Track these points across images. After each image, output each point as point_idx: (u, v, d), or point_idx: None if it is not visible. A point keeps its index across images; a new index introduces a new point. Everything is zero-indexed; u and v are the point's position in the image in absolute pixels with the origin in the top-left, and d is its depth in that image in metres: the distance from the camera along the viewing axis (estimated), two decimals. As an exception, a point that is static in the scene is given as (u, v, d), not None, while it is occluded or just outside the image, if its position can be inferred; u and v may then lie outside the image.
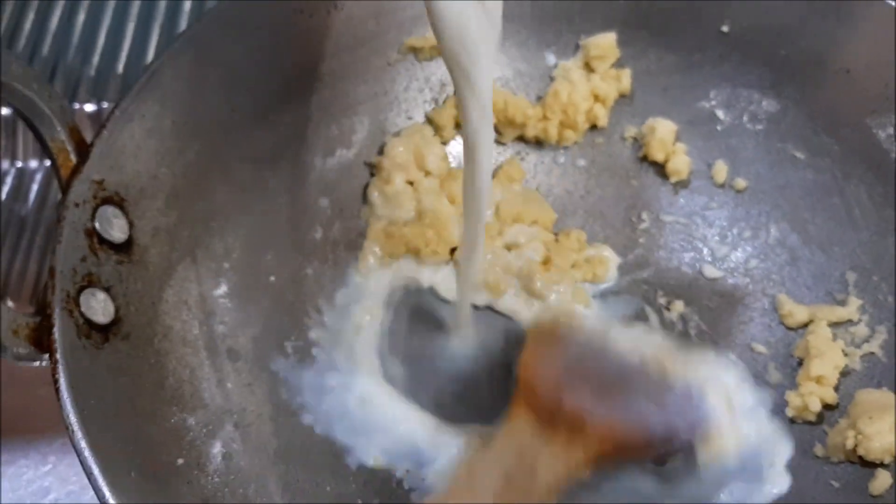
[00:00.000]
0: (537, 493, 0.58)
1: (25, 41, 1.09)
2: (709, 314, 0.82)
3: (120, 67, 1.07)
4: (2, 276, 0.91)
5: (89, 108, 1.02)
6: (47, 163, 0.98)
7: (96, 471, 0.54)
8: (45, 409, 0.65)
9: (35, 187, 0.99)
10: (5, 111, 1.01)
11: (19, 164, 1.00)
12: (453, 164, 0.87)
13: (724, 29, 0.84)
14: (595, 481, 0.65)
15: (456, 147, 0.88)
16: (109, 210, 0.66)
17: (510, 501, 0.56)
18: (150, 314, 0.69)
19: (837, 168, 0.82)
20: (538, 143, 0.89)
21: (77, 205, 0.64)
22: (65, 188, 0.64)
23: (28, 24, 1.10)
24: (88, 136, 0.67)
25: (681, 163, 0.85)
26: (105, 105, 1.01)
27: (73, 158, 0.65)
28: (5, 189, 0.98)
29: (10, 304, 0.90)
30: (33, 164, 1.00)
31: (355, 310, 0.80)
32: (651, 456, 0.70)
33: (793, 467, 0.73)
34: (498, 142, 0.89)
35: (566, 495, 0.61)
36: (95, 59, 1.07)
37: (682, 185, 0.87)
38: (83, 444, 0.55)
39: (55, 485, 0.80)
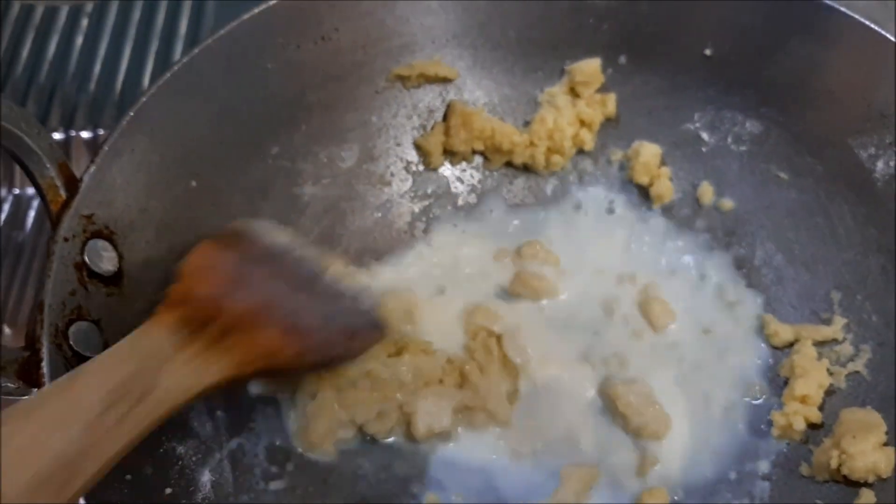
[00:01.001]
0: (145, 413, 0.51)
1: (23, 68, 1.10)
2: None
3: (116, 94, 1.08)
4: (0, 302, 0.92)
5: (86, 134, 1.04)
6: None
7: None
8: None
9: (32, 214, 1.00)
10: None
11: (17, 191, 1.02)
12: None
13: (708, 52, 0.85)
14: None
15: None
16: (99, 243, 0.67)
17: (109, 423, 0.49)
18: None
19: (821, 188, 0.83)
20: (526, 169, 0.89)
21: (66, 239, 0.65)
22: (54, 223, 0.65)
23: (25, 52, 1.12)
24: (85, 161, 0.68)
25: (664, 187, 0.86)
26: (101, 132, 1.03)
27: (63, 194, 0.66)
28: (3, 216, 1.00)
29: (7, 330, 0.91)
30: (30, 191, 1.01)
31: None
32: (310, 364, 0.67)
33: (779, 486, 0.74)
34: (486, 168, 0.90)
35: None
36: (92, 86, 1.09)
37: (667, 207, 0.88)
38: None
39: None
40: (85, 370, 0.53)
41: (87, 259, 0.66)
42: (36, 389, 0.59)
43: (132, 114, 0.71)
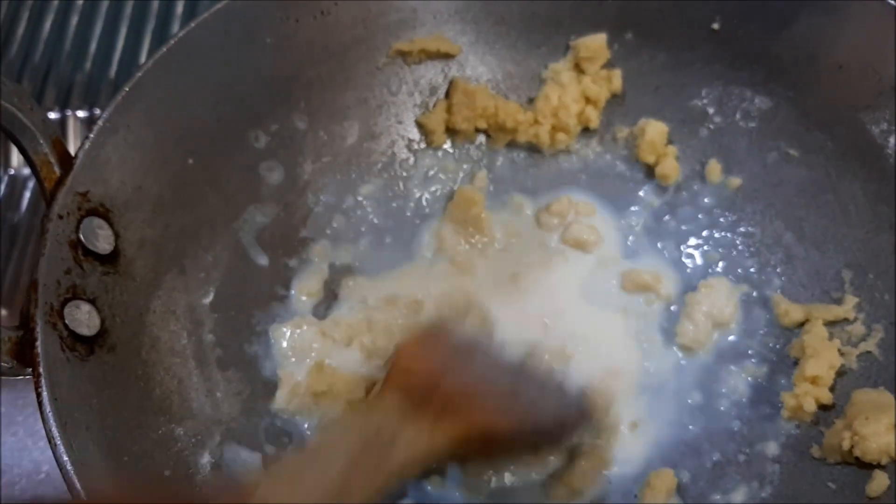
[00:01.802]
0: (389, 469, 0.56)
1: (17, 48, 1.09)
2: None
3: (112, 73, 1.07)
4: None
5: (81, 114, 1.02)
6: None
7: (78, 485, 0.53)
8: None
9: (27, 195, 0.99)
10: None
11: (12, 171, 1.00)
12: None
13: (715, 27, 0.83)
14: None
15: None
16: (94, 221, 0.66)
17: (359, 474, 0.54)
18: (136, 325, 0.68)
19: (831, 165, 0.82)
20: (530, 147, 0.88)
21: (61, 216, 0.63)
22: (49, 200, 0.64)
23: (20, 31, 1.10)
24: (80, 141, 0.67)
25: (670, 167, 0.85)
26: (97, 111, 1.01)
27: (57, 171, 0.65)
28: (-4, 196, 0.98)
29: (3, 311, 0.90)
30: (26, 171, 1.00)
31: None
32: (521, 446, 0.70)
33: (789, 468, 0.72)
34: (490, 147, 0.88)
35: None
36: (87, 65, 1.07)
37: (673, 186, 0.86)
38: (65, 458, 0.55)
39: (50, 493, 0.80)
40: (327, 441, 0.61)
41: (82, 237, 0.64)
42: (30, 370, 0.57)
43: (127, 90, 0.69)
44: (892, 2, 0.74)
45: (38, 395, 0.56)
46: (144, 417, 0.66)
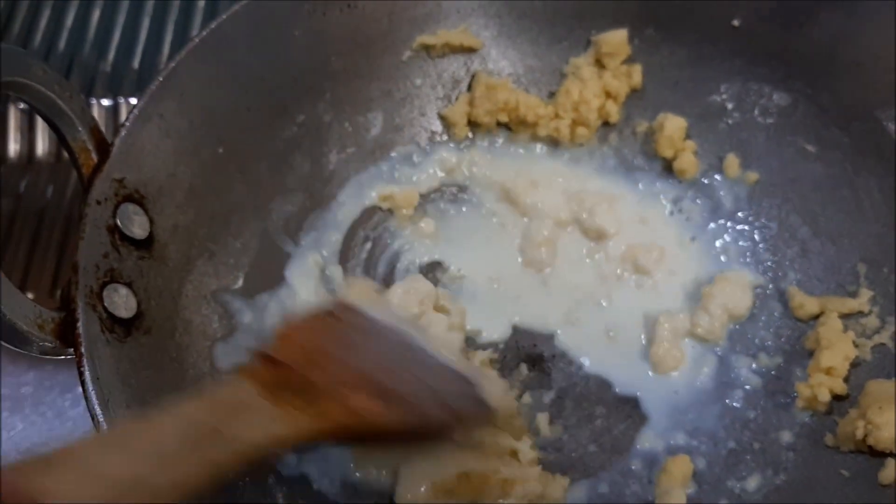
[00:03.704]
0: (232, 449, 0.52)
1: (41, 38, 1.10)
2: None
3: (135, 63, 1.08)
4: (21, 269, 0.92)
5: (106, 102, 1.03)
6: (64, 157, 1.00)
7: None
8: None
9: (52, 181, 1.00)
10: (21, 106, 1.02)
11: (37, 158, 1.02)
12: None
13: (735, 23, 0.85)
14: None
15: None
16: (130, 207, 0.67)
17: (199, 452, 0.50)
18: (170, 308, 0.70)
19: (848, 161, 0.83)
20: (551, 141, 0.89)
21: (99, 202, 0.65)
22: (86, 186, 0.65)
23: (44, 21, 1.11)
24: (105, 129, 0.69)
25: (688, 162, 0.86)
26: (121, 100, 1.03)
27: (94, 157, 0.66)
28: (23, 183, 0.99)
29: (30, 295, 0.91)
30: (50, 158, 1.01)
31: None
32: (406, 437, 0.66)
33: (803, 456, 0.74)
34: (511, 141, 0.89)
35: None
36: (111, 55, 1.08)
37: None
38: (109, 435, 0.56)
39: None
40: (165, 411, 0.53)
41: (118, 222, 0.66)
42: (72, 350, 0.59)
43: (161, 79, 0.71)
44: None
45: (81, 374, 0.58)
46: (180, 397, 0.67)
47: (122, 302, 0.64)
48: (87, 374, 0.58)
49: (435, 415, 0.64)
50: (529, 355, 0.80)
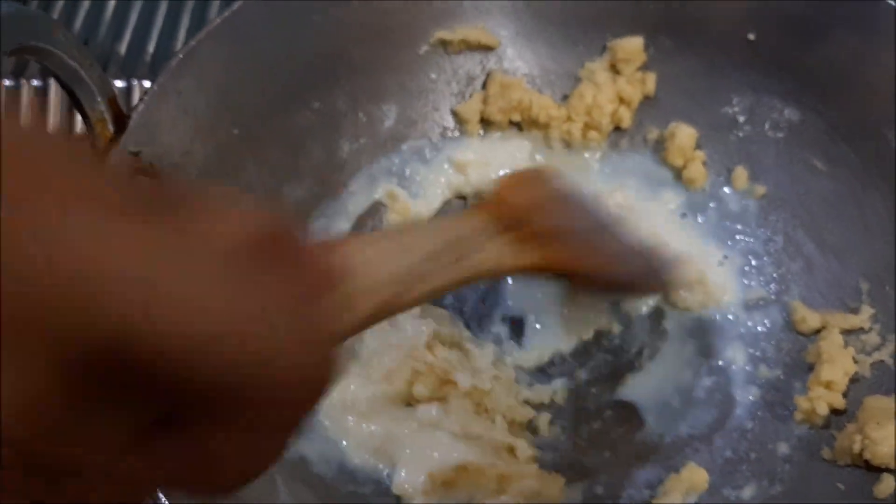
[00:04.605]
0: (464, 269, 0.58)
1: (57, 17, 1.10)
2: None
3: (150, 47, 1.08)
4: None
5: (119, 83, 1.03)
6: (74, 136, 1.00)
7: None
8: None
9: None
10: (35, 83, 1.02)
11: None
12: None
13: (751, 37, 0.85)
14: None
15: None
16: (144, 181, 0.67)
17: (436, 264, 0.55)
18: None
19: (855, 178, 0.83)
20: (563, 143, 0.90)
21: (113, 174, 0.65)
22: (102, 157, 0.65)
23: (61, 2, 1.12)
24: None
25: (697, 171, 0.87)
26: (134, 82, 1.03)
27: (111, 129, 0.67)
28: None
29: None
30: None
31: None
32: (604, 287, 0.72)
33: (800, 468, 0.74)
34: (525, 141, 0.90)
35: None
36: (127, 36, 1.09)
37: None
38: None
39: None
40: (422, 225, 0.66)
41: (131, 195, 0.66)
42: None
43: (181, 56, 0.71)
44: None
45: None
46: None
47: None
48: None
49: (632, 271, 0.72)
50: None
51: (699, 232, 0.86)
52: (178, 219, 0.30)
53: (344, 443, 0.73)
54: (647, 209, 0.87)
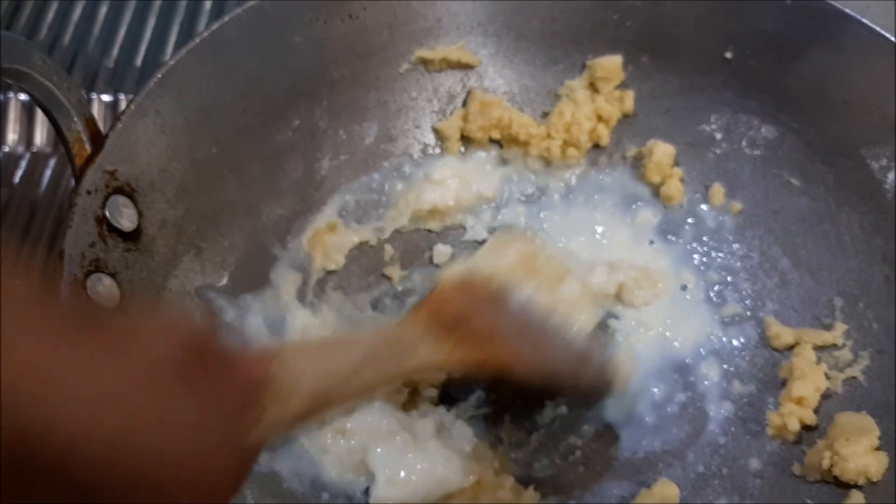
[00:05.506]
0: (401, 367, 0.63)
1: (47, 30, 1.11)
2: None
3: (138, 61, 1.09)
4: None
5: (106, 98, 1.05)
6: (61, 149, 1.00)
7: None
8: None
9: (48, 173, 1.01)
10: (22, 97, 1.03)
11: (34, 149, 1.03)
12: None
13: (728, 56, 0.86)
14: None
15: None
16: (120, 200, 0.69)
17: (374, 364, 0.59)
18: (153, 302, 0.71)
19: (831, 196, 0.84)
20: (542, 161, 0.91)
21: (89, 192, 0.66)
22: (78, 176, 0.67)
23: (51, 15, 1.13)
24: (104, 124, 0.70)
25: (674, 188, 0.88)
26: (122, 96, 1.04)
27: (88, 148, 0.68)
28: (19, 173, 1.00)
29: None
30: (47, 149, 1.02)
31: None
32: (537, 384, 0.75)
33: (770, 483, 0.75)
34: (502, 158, 0.91)
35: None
36: (115, 51, 1.10)
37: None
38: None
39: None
40: (350, 334, 0.72)
41: (107, 213, 0.67)
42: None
43: (160, 76, 0.72)
44: (896, 42, 0.77)
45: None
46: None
47: (105, 292, 0.65)
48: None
49: (565, 374, 0.75)
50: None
51: (674, 249, 0.87)
52: (109, 339, 0.37)
53: (321, 458, 0.74)
54: (620, 231, 0.88)
